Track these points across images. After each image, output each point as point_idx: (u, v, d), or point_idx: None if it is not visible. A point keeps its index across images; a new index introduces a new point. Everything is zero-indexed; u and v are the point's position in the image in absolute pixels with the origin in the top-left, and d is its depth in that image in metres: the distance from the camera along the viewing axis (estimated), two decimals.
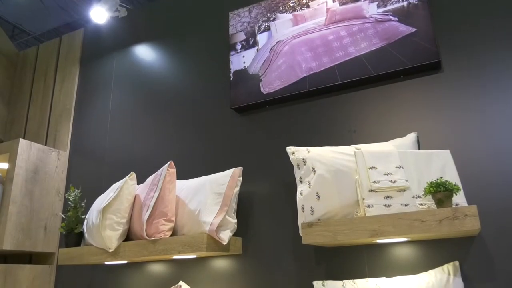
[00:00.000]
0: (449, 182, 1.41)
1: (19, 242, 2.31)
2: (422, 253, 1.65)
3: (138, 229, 1.89)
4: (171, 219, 1.84)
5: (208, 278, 2.02)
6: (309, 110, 2.04)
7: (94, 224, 1.94)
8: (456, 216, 1.34)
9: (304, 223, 1.55)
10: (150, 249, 1.80)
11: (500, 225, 1.57)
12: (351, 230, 1.46)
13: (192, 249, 1.70)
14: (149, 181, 1.98)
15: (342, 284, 1.54)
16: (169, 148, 2.37)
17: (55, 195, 2.58)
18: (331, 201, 1.57)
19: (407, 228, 1.39)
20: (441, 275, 1.54)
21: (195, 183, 1.95)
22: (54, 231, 2.52)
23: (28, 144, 2.47)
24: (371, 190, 1.50)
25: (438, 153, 1.58)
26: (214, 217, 1.74)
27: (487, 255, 1.56)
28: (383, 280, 1.55)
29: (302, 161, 1.68)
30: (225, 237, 1.76)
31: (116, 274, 2.29)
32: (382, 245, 1.71)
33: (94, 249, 1.96)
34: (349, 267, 1.74)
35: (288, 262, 1.86)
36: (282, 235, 1.90)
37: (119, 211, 1.92)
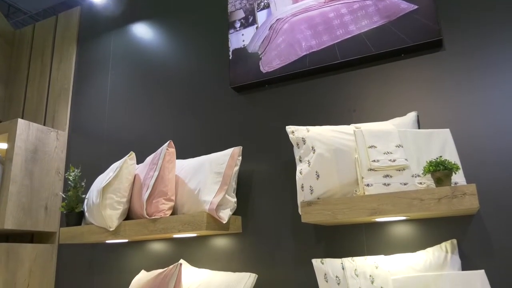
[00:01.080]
0: (448, 161, 1.41)
1: (20, 221, 2.33)
2: (420, 231, 1.66)
3: (138, 208, 1.90)
4: (171, 198, 1.85)
5: (208, 256, 2.04)
6: (309, 89, 2.02)
7: (94, 203, 1.95)
8: (455, 195, 1.35)
9: (304, 202, 1.55)
10: (150, 228, 1.82)
11: (498, 204, 1.58)
12: (350, 209, 1.47)
13: (192, 228, 1.71)
14: (148, 161, 1.98)
15: (340, 262, 1.55)
16: (168, 128, 2.36)
17: (55, 175, 2.58)
18: (330, 180, 1.57)
19: (406, 206, 1.39)
20: (438, 252, 1.56)
21: (194, 163, 1.95)
22: (54, 211, 2.53)
23: (26, 124, 2.46)
24: (371, 169, 1.50)
25: (438, 132, 1.58)
26: (213, 196, 1.75)
27: (484, 233, 1.58)
28: (381, 258, 1.56)
29: (301, 140, 1.67)
30: (225, 216, 1.78)
31: (117, 253, 2.31)
32: (381, 223, 1.73)
33: (94, 228, 1.97)
34: (348, 245, 1.76)
35: (287, 240, 1.88)
36: (282, 214, 1.92)
37: (119, 191, 1.93)
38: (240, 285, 1.67)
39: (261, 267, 1.90)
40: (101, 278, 2.32)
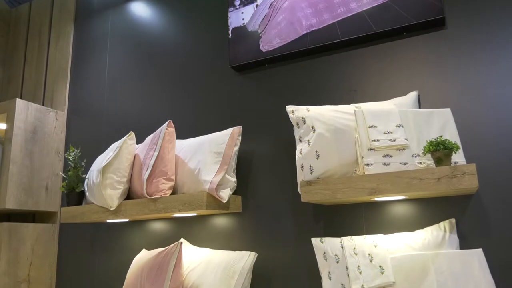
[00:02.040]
0: (448, 140, 1.41)
1: (21, 201, 2.34)
2: (419, 211, 1.67)
3: (138, 188, 1.91)
4: (171, 178, 1.85)
5: (208, 235, 2.06)
6: (309, 68, 2.00)
7: (94, 183, 1.96)
8: (455, 175, 1.35)
9: (303, 182, 1.56)
10: (150, 207, 1.83)
11: (497, 184, 1.58)
12: (350, 188, 1.47)
13: (192, 207, 1.72)
14: (148, 141, 1.98)
15: (340, 241, 1.57)
16: (167, 108, 2.35)
17: (54, 155, 2.58)
18: (330, 160, 1.57)
19: (406, 186, 1.40)
20: (437, 232, 1.57)
21: (194, 143, 1.95)
22: (55, 191, 2.54)
23: (25, 104, 2.45)
24: (371, 149, 1.50)
25: (439, 112, 1.57)
26: (213, 176, 1.75)
27: (483, 213, 1.59)
28: (380, 237, 1.58)
29: (301, 120, 1.67)
30: (225, 195, 1.78)
31: (118, 232, 2.33)
32: (380, 203, 1.74)
33: (95, 207, 1.99)
34: (347, 225, 1.77)
35: (287, 219, 1.89)
36: (281, 194, 1.92)
37: (119, 170, 1.94)
38: (240, 263, 1.69)
39: (261, 246, 1.92)
40: (102, 257, 2.35)
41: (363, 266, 1.48)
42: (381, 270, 1.45)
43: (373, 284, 1.44)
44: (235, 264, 1.69)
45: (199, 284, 1.74)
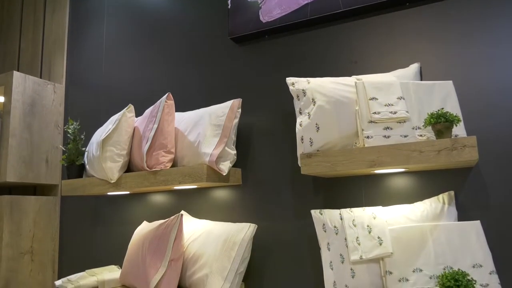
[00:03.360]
0: (450, 113, 1.40)
1: (22, 174, 2.35)
2: (418, 183, 1.68)
3: (138, 161, 1.91)
4: (171, 150, 1.85)
5: (208, 207, 2.08)
6: (310, 39, 1.97)
7: (94, 156, 1.96)
8: (455, 147, 1.35)
9: (303, 154, 1.56)
10: (151, 180, 1.83)
11: (497, 156, 1.58)
12: (350, 161, 1.47)
13: (192, 180, 1.73)
14: (147, 113, 1.96)
15: (339, 213, 1.58)
16: (166, 80, 2.33)
17: (54, 128, 2.58)
18: (330, 132, 1.57)
19: (405, 158, 1.40)
20: (436, 204, 1.58)
21: (194, 115, 1.94)
22: (55, 164, 2.55)
23: (22, 76, 2.42)
24: (371, 121, 1.49)
25: (440, 84, 1.55)
26: (213, 149, 1.75)
27: (482, 185, 1.59)
28: (379, 209, 1.59)
29: (302, 92, 1.65)
30: (225, 168, 1.79)
31: (119, 205, 2.35)
32: (380, 175, 1.74)
33: (96, 180, 1.99)
34: (347, 197, 1.78)
35: (286, 192, 1.90)
36: (281, 166, 1.93)
37: (119, 143, 1.93)
38: (240, 234, 1.71)
39: (260, 218, 1.93)
40: (104, 229, 2.38)
41: (362, 237, 1.50)
42: (379, 241, 1.47)
43: (371, 255, 1.46)
44: (235, 236, 1.71)
45: (200, 255, 1.77)
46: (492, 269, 1.42)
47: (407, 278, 1.41)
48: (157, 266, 1.74)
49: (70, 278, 2.01)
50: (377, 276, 1.48)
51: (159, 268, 1.73)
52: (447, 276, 1.33)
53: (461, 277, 1.31)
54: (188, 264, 1.80)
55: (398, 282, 1.41)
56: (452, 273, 1.34)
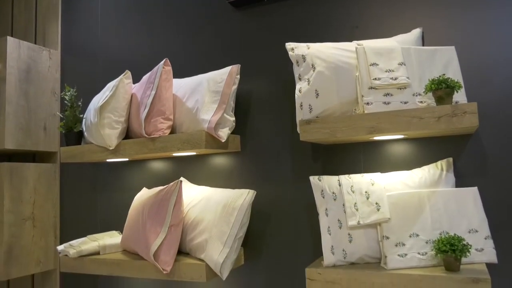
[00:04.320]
0: (451, 79, 1.38)
1: (20, 141, 2.34)
2: (417, 150, 1.68)
3: (137, 128, 1.90)
4: (169, 117, 1.84)
5: (207, 174, 2.08)
6: (310, 4, 1.92)
7: (92, 123, 1.94)
8: (455, 113, 1.34)
9: (302, 121, 1.55)
10: (149, 146, 1.83)
11: (497, 123, 1.58)
12: (349, 127, 1.46)
13: (191, 146, 1.73)
14: (145, 80, 1.94)
15: (337, 179, 1.59)
16: (163, 45, 2.28)
17: (50, 95, 2.55)
18: (330, 99, 1.55)
19: (405, 125, 1.39)
20: (434, 170, 1.59)
21: (192, 82, 1.91)
22: (54, 131, 2.54)
23: (16, 42, 2.37)
24: (371, 88, 1.48)
25: (442, 49, 1.53)
26: (212, 115, 1.74)
27: (481, 152, 1.59)
28: (378, 175, 1.60)
29: (301, 57, 1.62)
30: (224, 134, 1.78)
31: (118, 172, 2.36)
32: (379, 142, 1.74)
33: (94, 147, 1.99)
34: (346, 164, 1.79)
35: (285, 159, 1.90)
36: (280, 133, 1.92)
37: (117, 110, 1.92)
38: (239, 200, 1.72)
39: (259, 184, 1.95)
40: (104, 195, 2.40)
41: (360, 203, 1.51)
42: (377, 207, 1.48)
43: (369, 220, 1.48)
44: (234, 201, 1.73)
45: (199, 220, 1.79)
46: (488, 234, 1.44)
47: (404, 242, 1.44)
48: (157, 231, 1.76)
49: (72, 243, 2.04)
50: (374, 241, 1.51)
51: (159, 233, 1.75)
52: (443, 241, 1.35)
53: (457, 242, 1.33)
54: (188, 230, 1.82)
55: (394, 246, 1.43)
56: (448, 238, 1.36)
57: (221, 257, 1.66)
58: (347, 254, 1.51)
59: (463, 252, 1.32)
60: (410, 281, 1.34)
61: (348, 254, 1.51)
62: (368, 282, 1.40)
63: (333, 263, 1.51)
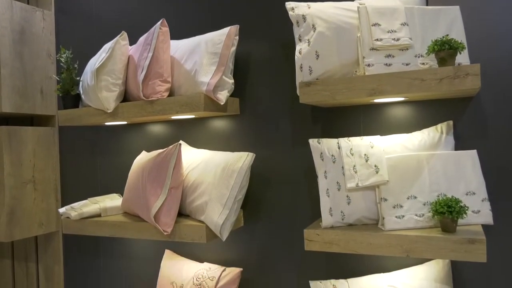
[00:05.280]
0: (454, 40, 1.35)
1: (17, 105, 2.32)
2: (418, 113, 1.67)
3: (134, 90, 1.88)
4: (167, 80, 1.81)
5: (206, 137, 2.08)
6: None
7: (89, 85, 1.92)
8: (458, 75, 1.32)
9: (302, 83, 1.53)
10: (148, 109, 1.82)
11: (499, 86, 1.56)
12: (350, 89, 1.45)
13: (190, 109, 1.71)
14: (141, 41, 1.90)
15: (337, 142, 1.59)
16: (160, 6, 2.22)
17: (46, 57, 2.51)
18: (330, 60, 1.53)
19: (406, 87, 1.37)
20: (433, 133, 1.58)
21: (189, 43, 1.87)
22: (51, 94, 2.51)
23: (8, 2, 2.30)
24: (373, 49, 1.45)
25: (447, 9, 1.49)
26: (210, 77, 1.71)
27: (481, 115, 1.59)
28: (377, 138, 1.59)
29: (301, 17, 1.58)
30: (222, 97, 1.76)
31: (117, 135, 2.35)
32: (379, 105, 1.73)
33: (92, 110, 1.97)
34: (345, 127, 1.78)
35: (285, 121, 1.90)
36: (280, 95, 1.90)
37: (113, 72, 1.89)
38: (238, 163, 1.72)
39: (258, 147, 1.95)
40: (103, 159, 2.40)
41: (359, 165, 1.52)
42: (376, 169, 1.49)
43: (368, 183, 1.49)
44: (233, 164, 1.73)
45: (199, 183, 1.80)
46: (485, 196, 1.45)
47: (401, 204, 1.45)
48: (157, 194, 1.78)
49: (73, 206, 2.07)
50: (372, 203, 1.52)
51: (160, 195, 1.77)
52: (441, 203, 1.37)
53: (454, 204, 1.35)
54: (188, 192, 1.84)
55: (392, 208, 1.45)
56: (445, 200, 1.37)
57: (220, 219, 1.68)
58: (345, 216, 1.53)
59: (460, 213, 1.34)
60: (406, 242, 1.37)
61: (346, 216, 1.53)
62: (365, 242, 1.42)
63: (331, 224, 1.53)
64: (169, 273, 2.03)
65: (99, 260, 2.44)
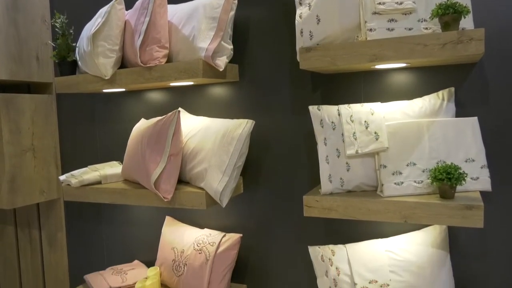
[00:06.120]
0: (459, 3, 1.32)
1: (13, 72, 2.29)
2: (419, 79, 1.65)
3: (132, 56, 1.85)
4: (165, 45, 1.78)
5: (205, 104, 2.06)
6: None
7: (86, 51, 1.89)
8: (461, 40, 1.29)
9: (302, 48, 1.50)
10: (146, 76, 1.79)
11: (502, 53, 1.53)
12: (351, 55, 1.42)
13: (188, 76, 1.69)
14: (138, 5, 1.85)
15: (337, 108, 1.57)
16: None
17: (41, 23, 2.45)
18: (331, 25, 1.49)
19: (409, 52, 1.35)
20: (434, 100, 1.57)
21: (187, 7, 1.82)
22: (47, 60, 2.47)
23: None
24: (375, 13, 1.42)
25: None
26: (209, 43, 1.68)
27: (484, 82, 1.57)
28: (378, 105, 1.58)
29: None
30: (221, 63, 1.73)
31: (115, 103, 2.33)
32: (380, 71, 1.70)
33: (90, 77, 1.95)
34: (345, 94, 1.77)
35: (284, 88, 1.87)
36: (280, 62, 1.88)
37: (110, 38, 1.85)
38: (238, 130, 1.72)
39: (258, 114, 1.93)
40: (102, 126, 2.39)
41: (359, 132, 1.51)
42: (376, 136, 1.48)
43: (367, 149, 1.49)
44: (233, 131, 1.72)
45: (199, 150, 1.80)
46: (484, 163, 1.46)
47: (401, 171, 1.46)
48: (157, 161, 1.78)
49: (74, 173, 2.08)
50: (371, 170, 1.53)
51: (159, 162, 1.77)
52: (440, 170, 1.37)
53: (453, 171, 1.35)
54: (188, 159, 1.84)
55: (391, 175, 1.45)
56: (444, 167, 1.37)
57: (220, 186, 1.69)
58: (345, 182, 1.53)
59: (459, 180, 1.34)
60: (404, 208, 1.38)
61: (345, 182, 1.54)
62: (364, 208, 1.44)
63: (330, 191, 1.54)
64: (170, 238, 2.06)
65: (101, 227, 2.47)
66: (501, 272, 1.59)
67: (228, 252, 1.86)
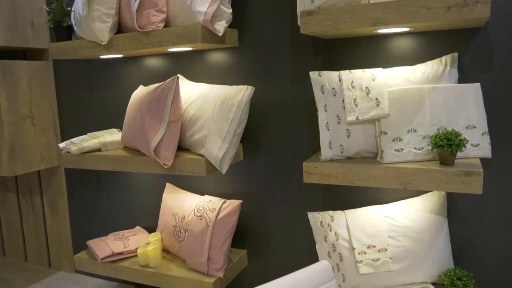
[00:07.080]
0: None
1: (8, 38, 2.24)
2: (422, 44, 1.62)
3: (128, 21, 1.81)
4: (162, 9, 1.74)
5: (204, 70, 2.03)
6: None
7: (81, 16, 1.84)
8: (466, 3, 1.26)
9: (303, 12, 1.46)
10: (143, 41, 1.76)
11: (507, 18, 1.49)
12: (352, 19, 1.39)
13: (187, 40, 1.65)
14: None
15: (338, 74, 1.55)
16: None
17: None
18: None
19: (413, 15, 1.31)
20: (437, 66, 1.54)
21: None
22: (42, 26, 2.42)
23: None
24: None
25: None
26: (208, 7, 1.63)
27: (487, 47, 1.53)
28: (379, 71, 1.55)
29: None
30: (220, 28, 1.70)
31: (114, 69, 2.30)
32: (382, 36, 1.67)
33: (86, 42, 1.91)
34: (347, 59, 1.74)
35: (285, 54, 1.84)
36: (280, 26, 1.83)
37: (106, 2, 1.80)
38: (238, 96, 1.70)
39: (258, 80, 1.91)
40: (100, 93, 2.37)
41: (360, 98, 1.49)
42: (377, 102, 1.47)
43: (368, 116, 1.47)
44: (232, 98, 1.70)
45: (198, 117, 1.79)
46: (485, 130, 1.45)
47: (401, 138, 1.45)
48: (156, 128, 1.77)
49: (73, 141, 2.07)
50: (372, 136, 1.52)
51: (159, 129, 1.76)
52: (440, 136, 1.36)
53: (454, 137, 1.34)
54: (187, 126, 1.83)
55: (392, 141, 1.45)
56: (445, 133, 1.36)
57: (220, 152, 1.68)
58: (344, 149, 1.53)
59: (459, 147, 1.34)
60: (404, 174, 1.38)
61: (345, 149, 1.53)
62: (363, 175, 1.44)
63: (330, 157, 1.54)
64: (171, 205, 2.08)
65: (102, 194, 2.49)
66: (498, 238, 1.61)
67: (228, 218, 1.88)
